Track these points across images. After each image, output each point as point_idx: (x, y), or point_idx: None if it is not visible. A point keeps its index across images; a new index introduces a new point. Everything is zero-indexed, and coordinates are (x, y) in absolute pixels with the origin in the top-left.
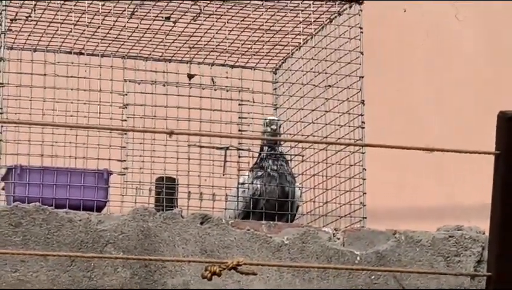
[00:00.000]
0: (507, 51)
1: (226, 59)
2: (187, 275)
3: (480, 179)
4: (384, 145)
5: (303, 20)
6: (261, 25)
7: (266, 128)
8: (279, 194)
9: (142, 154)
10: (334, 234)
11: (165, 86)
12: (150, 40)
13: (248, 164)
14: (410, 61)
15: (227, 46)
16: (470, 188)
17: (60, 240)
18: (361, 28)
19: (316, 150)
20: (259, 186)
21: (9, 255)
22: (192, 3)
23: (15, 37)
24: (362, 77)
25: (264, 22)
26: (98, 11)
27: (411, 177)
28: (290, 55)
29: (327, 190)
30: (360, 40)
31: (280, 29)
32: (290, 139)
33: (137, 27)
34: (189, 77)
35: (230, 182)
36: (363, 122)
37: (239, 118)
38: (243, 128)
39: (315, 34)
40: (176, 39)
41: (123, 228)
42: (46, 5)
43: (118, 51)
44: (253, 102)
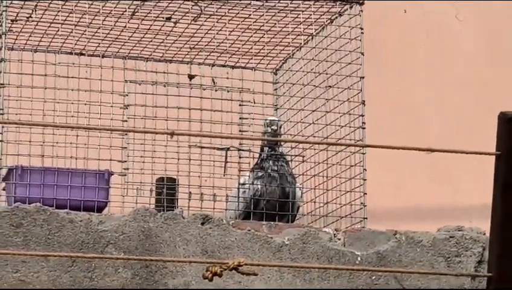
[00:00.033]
0: (507, 51)
1: (227, 60)
2: (188, 276)
3: (481, 180)
4: (385, 146)
5: (303, 20)
6: (262, 25)
7: (267, 128)
8: (280, 194)
9: (142, 154)
10: (334, 234)
11: (165, 87)
12: (151, 40)
13: (249, 164)
14: (411, 61)
15: (227, 47)
16: (471, 189)
17: (61, 240)
18: (362, 29)
19: (317, 150)
20: (259, 186)
21: (10, 256)
22: (193, 4)
23: (16, 38)
24: (363, 77)
25: (264, 23)
26: (98, 12)
27: (411, 177)
28: (291, 56)
29: (328, 190)
30: (360, 40)
31: (281, 30)
32: (290, 140)
33: (138, 28)
34: (190, 77)
35: (231, 182)
36: (364, 123)
37: (240, 118)
38: (243, 128)
39: (316, 34)
40: (177, 40)
41: (124, 229)
42: (47, 6)
43: (118, 51)
44: (253, 103)
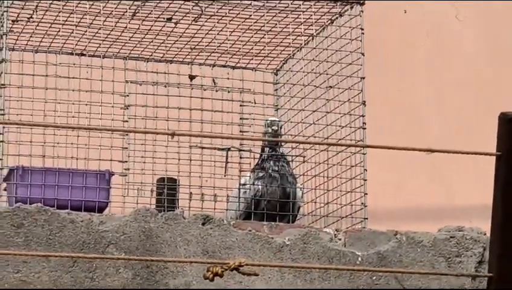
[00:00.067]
0: (507, 51)
1: (227, 60)
2: (189, 276)
3: (481, 180)
4: (386, 147)
5: (304, 21)
6: (262, 26)
7: (267, 129)
8: (281, 195)
9: (143, 155)
10: (335, 234)
11: (166, 87)
12: (152, 41)
13: (249, 164)
14: (411, 61)
15: (228, 47)
16: (471, 189)
17: (62, 240)
18: (362, 29)
19: (317, 151)
20: (260, 187)
21: (11, 256)
22: (194, 4)
23: (16, 38)
24: (363, 78)
25: (265, 23)
26: (99, 12)
27: (412, 178)
28: (291, 57)
29: (328, 190)
30: (361, 41)
31: (281, 31)
32: (291, 141)
33: (138, 28)
34: (191, 78)
35: (232, 183)
36: (364, 123)
37: (240, 119)
38: (244, 129)
39: (316, 35)
40: (178, 40)
41: (125, 229)
42: (48, 6)
43: (119, 52)
44: (254, 103)
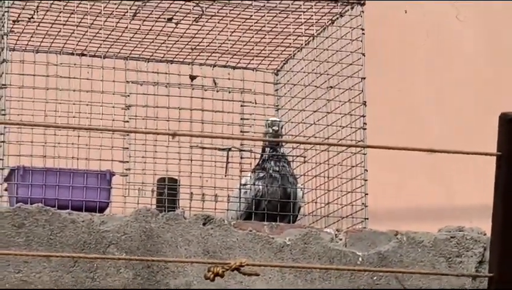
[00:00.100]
0: (507, 51)
1: (228, 60)
2: (189, 276)
3: (481, 180)
4: (386, 147)
5: (305, 21)
6: (263, 26)
7: (268, 129)
8: (281, 195)
9: (144, 155)
10: (336, 234)
11: (167, 87)
12: (152, 41)
13: (250, 165)
14: (411, 61)
15: (229, 48)
16: (471, 189)
17: (63, 240)
18: (363, 30)
19: (318, 151)
20: (261, 187)
21: (12, 256)
22: (194, 4)
23: (17, 39)
24: (364, 78)
25: (266, 24)
26: (100, 13)
27: (412, 178)
28: (292, 57)
29: (329, 190)
30: (361, 41)
31: (282, 31)
32: (291, 141)
33: (139, 28)
34: (191, 78)
35: (232, 183)
36: (365, 124)
37: (241, 119)
38: (244, 129)
39: (317, 35)
40: (178, 40)
41: (126, 229)
42: (49, 7)
43: (120, 52)
44: (255, 103)
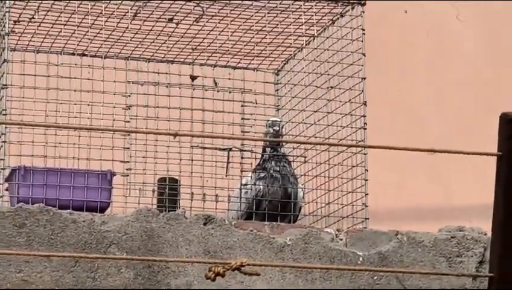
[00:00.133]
0: (507, 51)
1: (229, 60)
2: (190, 276)
3: (481, 180)
4: (387, 147)
5: (305, 21)
6: (264, 26)
7: (268, 129)
8: (282, 195)
9: (145, 155)
10: (336, 234)
11: (167, 87)
12: (153, 41)
13: (251, 165)
14: (412, 61)
15: (229, 48)
16: (471, 189)
17: (64, 240)
18: (363, 30)
19: (318, 151)
20: (262, 187)
21: (13, 256)
22: (195, 5)
23: (18, 39)
24: (364, 78)
25: (266, 24)
26: (101, 13)
27: (412, 178)
28: (292, 57)
29: (329, 190)
30: (362, 41)
31: (282, 31)
32: (292, 141)
33: (140, 28)
34: (192, 78)
35: (233, 183)
36: (366, 124)
37: (241, 119)
38: (245, 129)
39: (317, 35)
40: (179, 40)
41: (127, 229)
42: (49, 7)
43: (120, 52)
44: (255, 103)
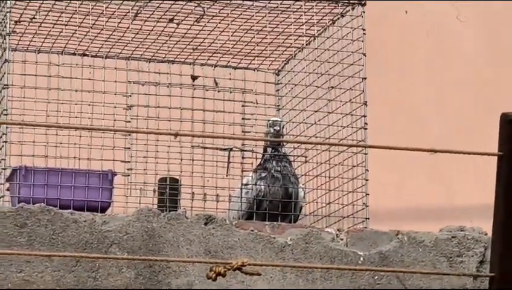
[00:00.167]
0: (507, 51)
1: (229, 60)
2: (191, 276)
3: (481, 180)
4: (388, 147)
5: (306, 21)
6: (264, 26)
7: (269, 129)
8: (283, 195)
9: (146, 155)
10: (337, 234)
11: (168, 88)
12: (154, 41)
13: (251, 165)
14: (412, 61)
15: (230, 48)
16: (471, 189)
17: (65, 240)
18: (364, 30)
19: (319, 151)
20: (263, 187)
21: (14, 256)
22: (196, 5)
23: (19, 39)
24: (365, 78)
25: (267, 24)
26: (101, 13)
27: (412, 178)
28: (293, 57)
29: (330, 190)
30: (362, 41)
31: (283, 31)
32: (292, 141)
33: (140, 29)
34: (193, 78)
35: (234, 183)
36: (366, 124)
37: (242, 119)
38: (246, 129)
39: (318, 35)
40: (179, 41)
41: (127, 229)
42: (50, 7)
43: (121, 52)
44: (256, 103)
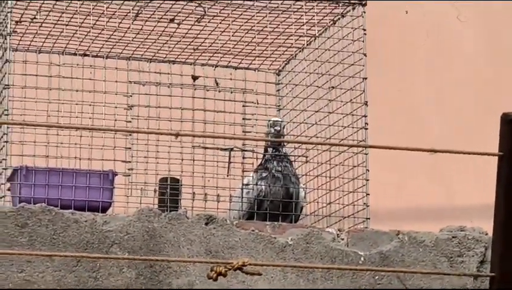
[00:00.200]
0: (507, 51)
1: (230, 61)
2: (192, 276)
3: (481, 180)
4: (388, 147)
5: (306, 22)
6: (265, 26)
7: (270, 129)
8: (284, 195)
9: (146, 155)
10: (338, 234)
11: (169, 88)
12: (154, 41)
13: (252, 165)
14: (412, 61)
15: (231, 48)
16: (471, 189)
17: (66, 240)
18: (364, 30)
19: (320, 151)
20: (263, 187)
21: (15, 256)
22: (197, 5)
23: (20, 39)
24: (365, 78)
25: (267, 24)
26: (102, 13)
27: (412, 178)
28: (294, 57)
29: (331, 190)
30: (363, 41)
31: (283, 31)
32: (293, 141)
33: (141, 29)
34: (194, 78)
35: (235, 183)
36: (367, 124)
37: (243, 119)
38: (246, 129)
39: (318, 35)
40: (180, 41)
41: (128, 229)
42: (51, 7)
43: (122, 52)
44: (256, 103)
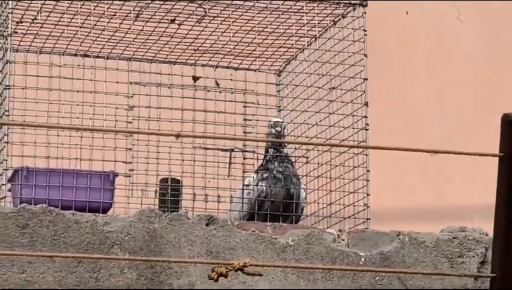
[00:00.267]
0: (507, 51)
1: (230, 61)
2: (193, 276)
3: (481, 180)
4: (389, 148)
5: (307, 22)
6: (265, 27)
7: (271, 130)
8: (284, 195)
9: (147, 156)
10: (338, 235)
11: (170, 88)
12: (155, 42)
13: (253, 165)
14: (412, 61)
15: (231, 49)
16: (471, 189)
17: (67, 241)
18: (365, 31)
19: (320, 151)
20: (264, 188)
21: (16, 257)
22: (197, 5)
23: (21, 40)
24: (366, 79)
25: (268, 25)
26: (103, 14)
27: (413, 178)
28: (294, 58)
29: (331, 191)
30: (364, 42)
31: (284, 32)
32: (294, 141)
33: (142, 29)
34: (194, 79)
35: (235, 183)
36: (367, 124)
37: (243, 120)
38: (247, 130)
39: (319, 36)
40: (181, 41)
41: (129, 230)
42: (52, 8)
43: (123, 53)
44: (257, 104)
